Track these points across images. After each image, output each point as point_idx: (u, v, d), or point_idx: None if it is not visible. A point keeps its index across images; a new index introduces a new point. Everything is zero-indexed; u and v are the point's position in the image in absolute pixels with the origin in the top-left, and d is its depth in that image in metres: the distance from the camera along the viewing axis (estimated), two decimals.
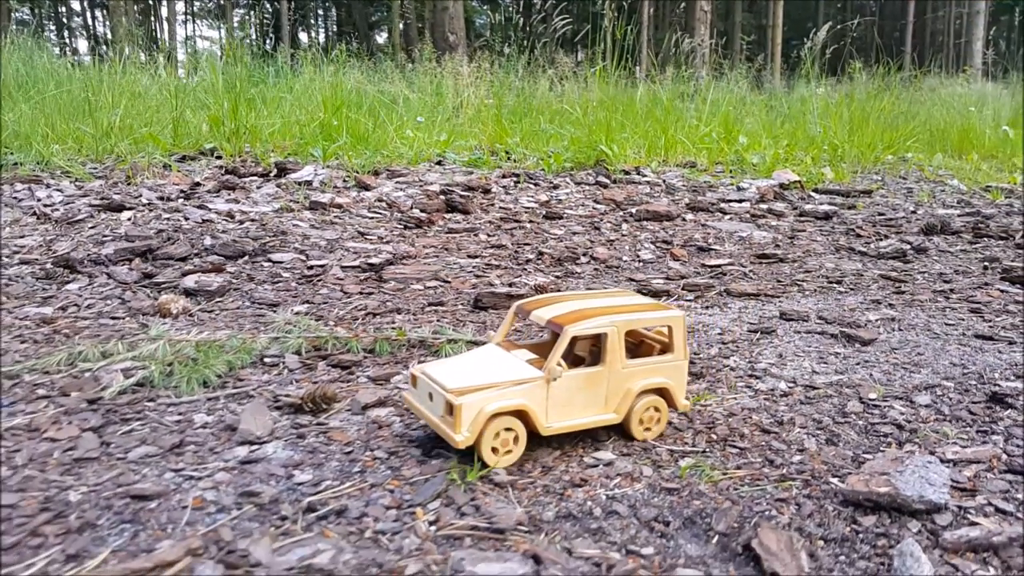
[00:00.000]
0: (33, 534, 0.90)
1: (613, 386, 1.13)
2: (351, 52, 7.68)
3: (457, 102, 6.46)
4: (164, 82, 5.18)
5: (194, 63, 6.36)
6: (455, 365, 1.13)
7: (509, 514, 0.95)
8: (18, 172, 3.50)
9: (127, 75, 5.34)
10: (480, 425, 1.03)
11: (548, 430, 1.08)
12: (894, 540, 0.92)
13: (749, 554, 0.89)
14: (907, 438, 1.21)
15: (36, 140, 3.87)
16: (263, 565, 0.84)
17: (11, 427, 1.19)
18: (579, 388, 1.11)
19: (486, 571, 0.84)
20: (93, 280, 2.11)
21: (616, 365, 1.12)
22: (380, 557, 0.87)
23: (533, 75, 7.57)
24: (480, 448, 1.05)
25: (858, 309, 1.99)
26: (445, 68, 7.46)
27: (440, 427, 1.05)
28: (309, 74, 6.25)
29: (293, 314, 1.81)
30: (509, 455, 1.07)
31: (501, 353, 1.17)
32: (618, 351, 1.12)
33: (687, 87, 7.26)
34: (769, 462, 1.12)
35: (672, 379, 1.17)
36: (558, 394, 1.09)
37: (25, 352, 1.56)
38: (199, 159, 4.11)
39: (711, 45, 10.68)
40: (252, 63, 5.67)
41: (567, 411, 1.10)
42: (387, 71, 7.40)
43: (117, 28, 23.29)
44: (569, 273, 2.37)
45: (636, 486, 1.04)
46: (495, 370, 1.10)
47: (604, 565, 0.85)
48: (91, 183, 3.32)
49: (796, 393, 1.39)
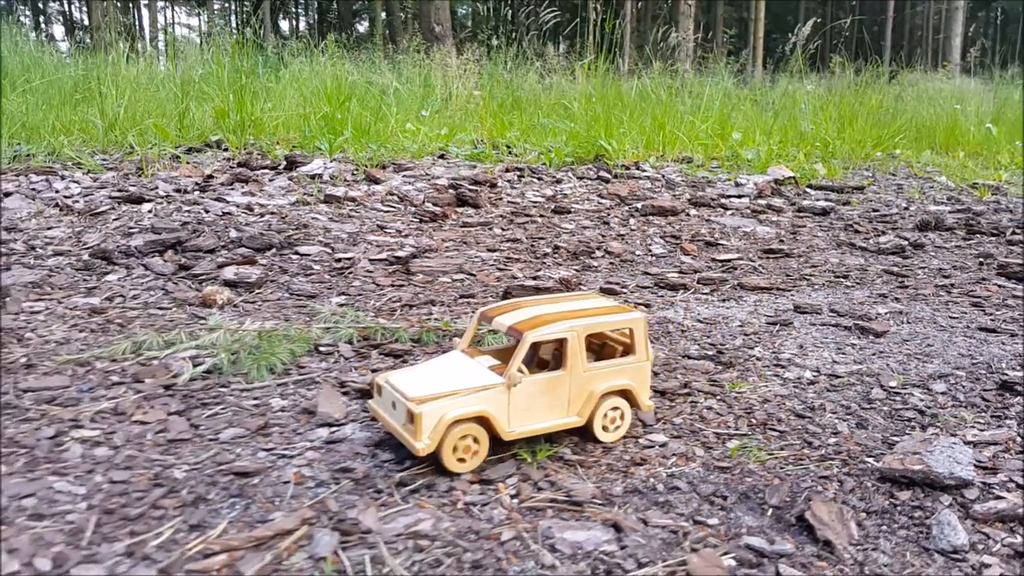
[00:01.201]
0: (153, 507, 0.99)
1: (575, 389, 1.15)
2: (339, 43, 7.70)
3: (446, 93, 6.51)
4: (168, 73, 5.21)
5: (182, 53, 6.35)
6: (417, 373, 1.15)
7: (583, 489, 1.05)
8: (31, 164, 3.55)
9: (131, 65, 5.37)
10: (441, 432, 1.04)
11: (510, 435, 1.10)
12: (929, 512, 1.03)
13: (802, 525, 0.99)
14: (929, 422, 1.31)
15: (46, 131, 3.91)
16: (374, 532, 0.93)
17: (99, 410, 1.27)
18: (541, 392, 1.12)
19: (573, 538, 0.94)
20: (131, 271, 2.18)
21: (577, 369, 1.14)
22: (475, 525, 0.96)
23: (521, 67, 7.63)
24: (441, 455, 1.06)
25: (866, 303, 2.10)
26: (434, 60, 7.50)
27: (402, 435, 1.07)
28: (298, 65, 6.28)
29: (337, 305, 1.90)
30: (471, 461, 1.08)
31: (464, 360, 1.19)
32: (579, 355, 1.14)
33: (675, 81, 7.36)
34: (808, 443, 1.22)
35: (634, 380, 1.19)
36: (519, 399, 1.10)
37: (85, 341, 1.63)
38: (205, 151, 4.17)
39: (698, 39, 10.78)
40: (240, 53, 5.71)
41: (529, 416, 1.12)
42: (374, 62, 7.41)
43: (94, 14, 23.05)
44: (587, 267, 2.47)
45: (691, 465, 1.14)
46: (456, 377, 1.12)
47: (680, 532, 0.95)
48: (104, 175, 3.37)
49: (821, 381, 1.49)
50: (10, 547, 0.89)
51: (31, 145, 3.79)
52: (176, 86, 4.83)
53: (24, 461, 1.10)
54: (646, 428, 1.25)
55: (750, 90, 8.22)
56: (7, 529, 0.93)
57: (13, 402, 1.30)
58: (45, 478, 1.05)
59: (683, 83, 7.26)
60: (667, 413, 1.32)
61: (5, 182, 3.19)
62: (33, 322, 1.74)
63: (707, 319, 1.91)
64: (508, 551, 0.91)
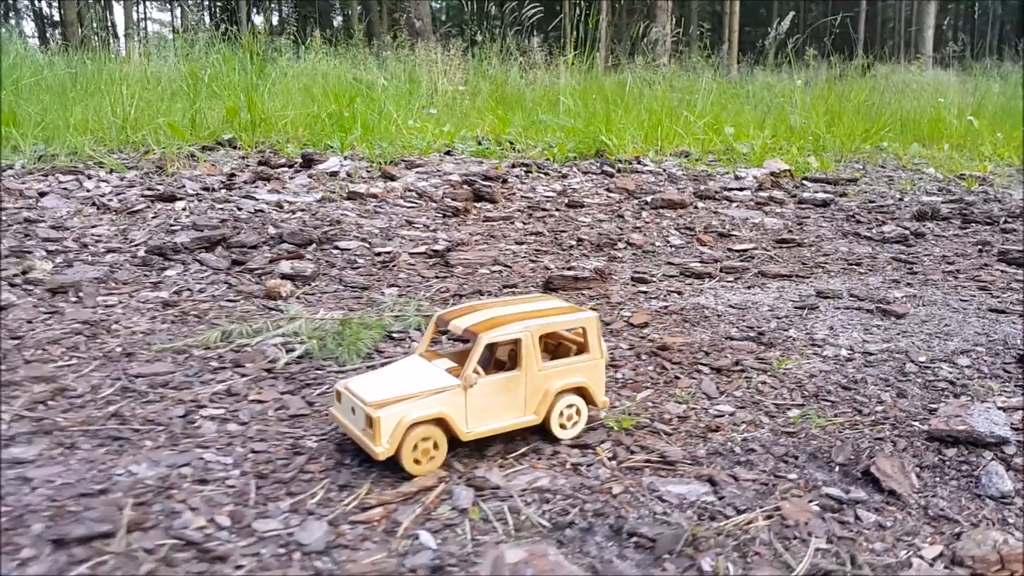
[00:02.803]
0: (301, 471, 1.11)
1: (531, 388, 1.18)
2: (325, 39, 7.76)
3: (432, 89, 6.60)
4: (174, 71, 5.28)
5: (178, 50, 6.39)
6: (375, 378, 1.17)
7: (672, 451, 1.19)
8: (56, 163, 3.63)
9: (130, 63, 5.44)
10: (400, 435, 1.07)
11: (468, 435, 1.13)
12: (975, 465, 1.18)
13: (868, 478, 1.13)
14: (960, 391, 1.47)
15: (68, 131, 3.98)
16: (502, 488, 1.07)
17: (215, 392, 1.39)
18: (497, 393, 1.15)
19: (676, 490, 1.07)
20: (187, 267, 2.29)
21: (532, 368, 1.17)
22: (586, 482, 1.10)
23: (505, 63, 7.73)
24: (401, 457, 1.08)
25: (881, 288, 2.25)
26: (418, 56, 7.57)
27: (362, 440, 1.09)
28: (286, 62, 6.34)
29: (396, 296, 2.02)
30: (430, 463, 1.11)
31: (422, 363, 1.21)
32: (533, 355, 1.17)
33: (656, 76, 7.52)
34: (858, 411, 1.37)
35: (589, 378, 1.23)
36: (476, 400, 1.13)
37: (170, 331, 1.75)
38: (217, 149, 4.26)
39: (678, 34, 10.93)
40: (221, 48, 5.77)
41: (486, 416, 1.15)
42: (358, 58, 7.44)
43: (69, 11, 22.79)
44: (612, 258, 2.61)
45: (761, 431, 1.28)
46: (414, 381, 1.14)
47: (769, 484, 1.09)
48: (127, 173, 3.46)
49: (857, 358, 1.64)
50: (191, 506, 1.01)
51: (51, 145, 3.87)
52: (184, 84, 4.91)
53: (165, 436, 1.22)
54: (712, 400, 1.39)
55: (729, 84, 8.39)
56: (178, 492, 1.05)
57: (129, 386, 1.42)
58: (192, 450, 1.17)
59: (664, 77, 7.40)
60: (727, 387, 1.46)
61: (35, 182, 3.28)
62: (113, 315, 1.85)
63: (737, 305, 2.06)
64: (622, 502, 1.05)
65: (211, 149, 4.25)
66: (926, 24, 22.06)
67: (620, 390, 1.44)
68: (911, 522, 1.03)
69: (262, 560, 0.91)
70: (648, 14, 17.60)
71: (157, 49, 6.78)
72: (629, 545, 0.95)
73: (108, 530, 0.95)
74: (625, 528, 0.98)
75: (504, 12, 9.00)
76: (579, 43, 7.04)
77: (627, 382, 1.48)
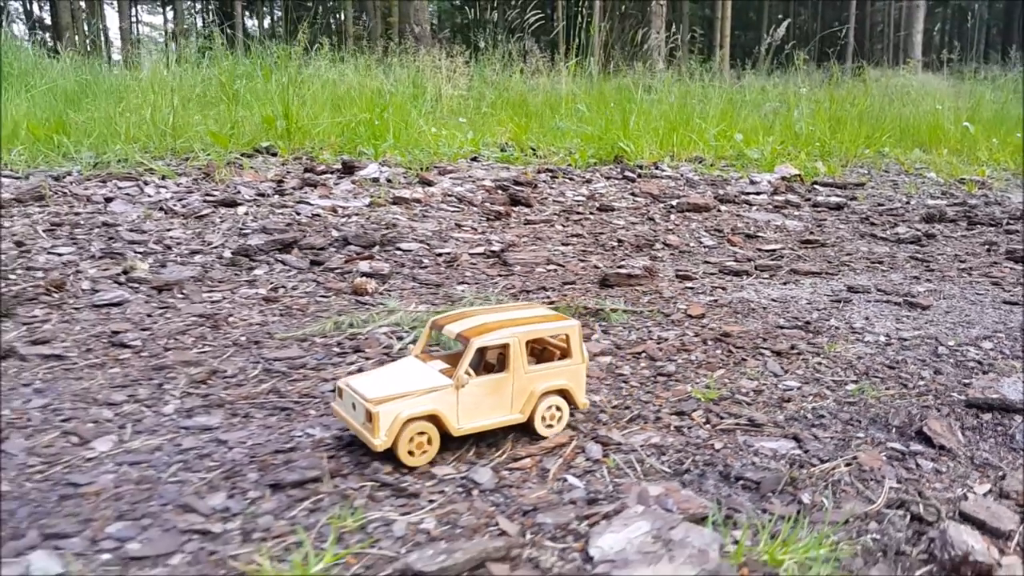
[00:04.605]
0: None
1: (517, 389, 1.27)
2: (333, 46, 7.93)
3: (435, 94, 6.79)
4: (206, 79, 5.48)
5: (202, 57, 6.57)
6: (375, 377, 1.26)
7: (757, 416, 1.41)
8: (111, 170, 3.83)
9: (163, 70, 5.63)
10: (396, 430, 1.16)
11: (459, 431, 1.22)
12: (1008, 426, 1.40)
13: (921, 437, 1.36)
14: (988, 369, 1.70)
15: (119, 139, 4.19)
16: (623, 444, 1.29)
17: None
18: (486, 393, 1.24)
19: (768, 445, 1.30)
20: (272, 267, 2.51)
21: (519, 371, 1.26)
22: (690, 440, 1.32)
23: (507, 68, 7.94)
24: (397, 450, 1.17)
25: (904, 283, 2.49)
26: (421, 61, 7.76)
27: (362, 433, 1.18)
28: (295, 68, 6.53)
29: (474, 292, 2.24)
30: (424, 456, 1.20)
31: (418, 364, 1.30)
32: (520, 358, 1.26)
33: (655, 80, 7.76)
34: (903, 385, 1.59)
35: (571, 381, 1.32)
36: (467, 399, 1.22)
37: (281, 323, 1.96)
38: (255, 156, 4.47)
39: (677, 41, 11.19)
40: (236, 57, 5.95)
41: (476, 413, 1.24)
42: (363, 64, 7.58)
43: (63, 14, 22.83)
44: (653, 257, 2.83)
45: (826, 401, 1.51)
46: (410, 380, 1.23)
47: (846, 439, 1.32)
48: (177, 180, 3.66)
49: (895, 343, 1.87)
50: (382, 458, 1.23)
51: (104, 153, 4.06)
52: (217, 92, 5.12)
53: (325, 407, 1.44)
54: (778, 378, 1.62)
55: (729, 90, 8.62)
56: (356, 448, 1.27)
57: (271, 368, 1.64)
58: None
59: (664, 83, 7.63)
60: (789, 367, 1.69)
61: (95, 188, 3.48)
62: (224, 309, 2.07)
63: (778, 299, 2.29)
64: (724, 454, 1.27)
65: (250, 156, 4.45)
66: (915, 29, 22.40)
67: (696, 370, 1.67)
68: (961, 468, 1.25)
69: (448, 496, 1.13)
70: (643, 19, 17.89)
71: (161, 55, 6.94)
72: (737, 487, 1.17)
73: (316, 475, 1.16)
74: (732, 473, 1.20)
75: (507, 19, 9.22)
76: (578, 49, 7.27)
77: (701, 363, 1.71)
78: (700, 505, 1.09)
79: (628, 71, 8.10)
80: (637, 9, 21.65)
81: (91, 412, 1.41)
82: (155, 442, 1.29)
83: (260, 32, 28.86)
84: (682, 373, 1.64)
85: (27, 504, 1.09)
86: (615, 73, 8.16)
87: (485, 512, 1.08)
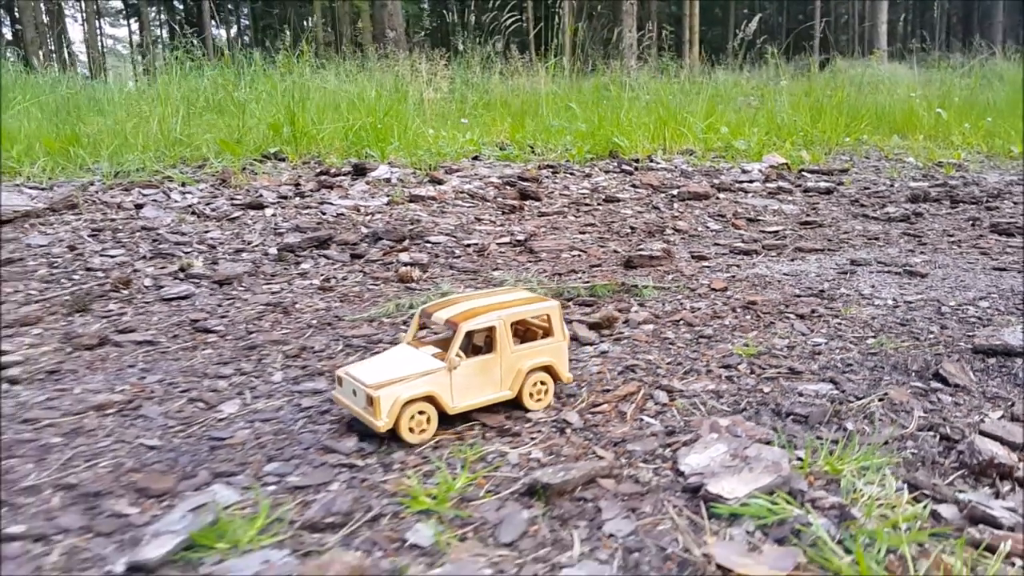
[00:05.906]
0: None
1: (505, 368, 1.35)
2: (314, 52, 8.07)
3: (418, 98, 6.95)
4: (211, 90, 5.62)
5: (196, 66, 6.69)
6: (372, 365, 1.33)
7: (795, 365, 1.61)
8: (132, 179, 3.98)
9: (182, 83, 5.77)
10: (396, 411, 1.23)
11: (454, 409, 1.30)
12: (1011, 368, 1.61)
13: (938, 378, 1.56)
14: (988, 323, 1.91)
15: (133, 149, 4.33)
16: (686, 391, 1.49)
17: None
18: (476, 373, 1.32)
19: (810, 388, 1.50)
20: (317, 261, 2.68)
21: (506, 351, 1.34)
22: (741, 387, 1.52)
23: (486, 70, 8.13)
24: (399, 430, 1.25)
25: (900, 256, 2.71)
26: (400, 65, 7.90)
27: (365, 416, 1.25)
28: (278, 76, 6.66)
29: (515, 277, 2.43)
30: (424, 433, 1.28)
31: (411, 351, 1.38)
32: (506, 339, 1.34)
33: (631, 79, 7.99)
34: (916, 339, 1.80)
35: (554, 357, 1.41)
36: (459, 380, 1.30)
37: (343, 308, 2.14)
38: (264, 162, 4.63)
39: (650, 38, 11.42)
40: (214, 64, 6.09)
41: (469, 392, 1.32)
42: (342, 68, 7.69)
43: (27, 30, 22.64)
44: (667, 241, 3.03)
45: (851, 353, 1.71)
46: (406, 365, 1.30)
47: (875, 380, 1.52)
48: (196, 186, 3.82)
49: (902, 306, 2.08)
50: None
51: (122, 163, 4.20)
52: (223, 100, 5.28)
53: None
54: (806, 336, 1.83)
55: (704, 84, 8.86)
56: None
57: (352, 344, 1.82)
58: None
59: (642, 82, 7.86)
60: (814, 327, 1.89)
61: (121, 195, 3.63)
62: (287, 298, 2.24)
63: (789, 273, 2.49)
64: (773, 396, 1.47)
65: (259, 162, 4.61)
66: (880, 20, 22.86)
67: (732, 332, 1.87)
68: (976, 401, 1.46)
69: (546, 434, 1.31)
70: (614, 18, 18.16)
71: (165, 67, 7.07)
72: (789, 420, 1.37)
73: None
74: (783, 410, 1.40)
75: (483, 20, 9.40)
76: (551, 50, 7.47)
77: (735, 327, 1.91)
78: (764, 432, 1.28)
79: (605, 69, 8.31)
80: (607, 8, 21.91)
81: (206, 383, 1.58)
82: (276, 403, 1.47)
83: (228, 41, 28.81)
84: (720, 335, 1.84)
85: (184, 454, 1.27)
86: (592, 72, 8.37)
87: (581, 444, 1.27)
